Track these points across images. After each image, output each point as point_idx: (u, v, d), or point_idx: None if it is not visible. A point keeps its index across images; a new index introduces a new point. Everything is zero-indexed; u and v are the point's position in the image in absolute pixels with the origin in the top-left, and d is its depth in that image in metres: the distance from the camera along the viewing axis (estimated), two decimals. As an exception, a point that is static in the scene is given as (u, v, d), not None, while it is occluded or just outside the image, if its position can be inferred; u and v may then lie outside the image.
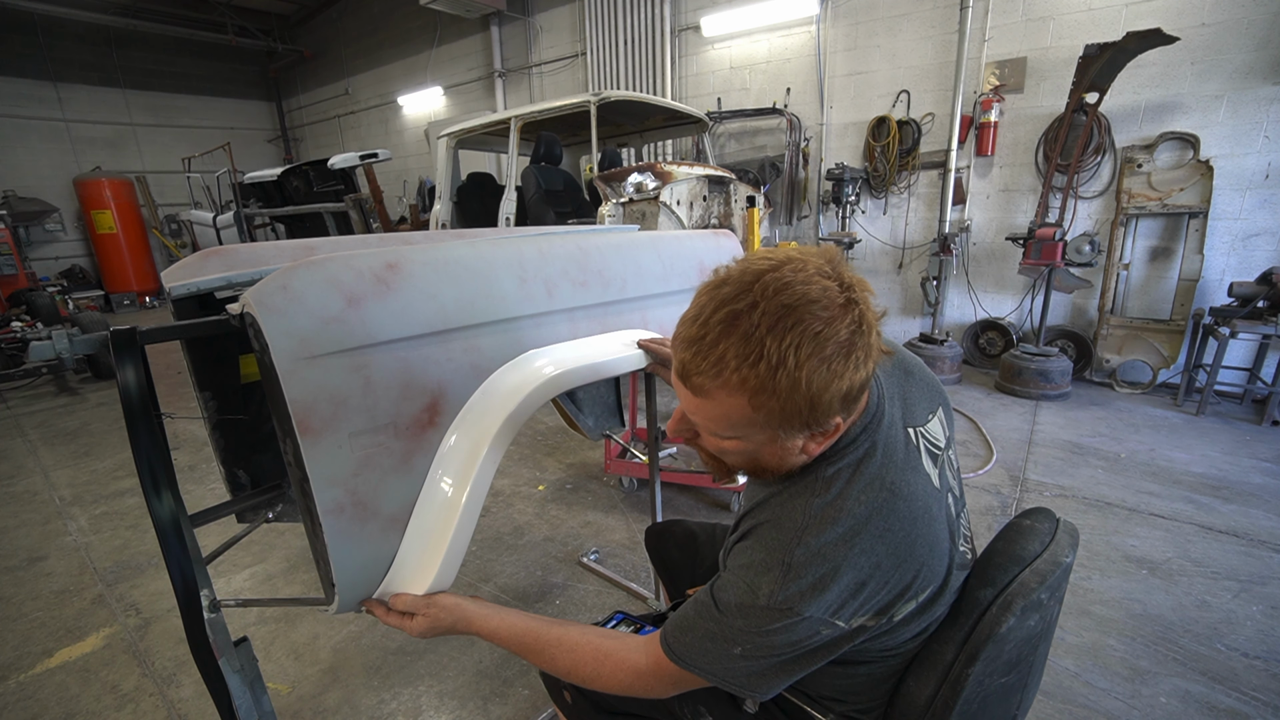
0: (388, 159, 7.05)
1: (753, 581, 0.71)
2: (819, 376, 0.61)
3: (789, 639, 0.70)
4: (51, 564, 2.49)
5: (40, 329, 5.00)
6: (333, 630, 2.02)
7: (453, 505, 0.96)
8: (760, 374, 0.61)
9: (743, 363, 0.62)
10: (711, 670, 0.75)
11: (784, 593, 0.69)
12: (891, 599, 0.71)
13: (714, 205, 4.08)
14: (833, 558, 0.69)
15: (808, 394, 0.62)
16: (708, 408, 0.68)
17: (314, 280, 0.87)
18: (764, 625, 0.70)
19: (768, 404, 0.63)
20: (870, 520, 0.70)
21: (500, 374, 1.07)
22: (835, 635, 0.71)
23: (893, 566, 0.70)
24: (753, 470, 0.78)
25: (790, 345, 0.61)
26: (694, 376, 0.65)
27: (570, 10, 7.11)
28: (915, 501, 0.73)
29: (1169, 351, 4.10)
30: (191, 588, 0.95)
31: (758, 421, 0.66)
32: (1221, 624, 1.92)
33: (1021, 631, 0.75)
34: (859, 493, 0.71)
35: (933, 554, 0.73)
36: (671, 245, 1.47)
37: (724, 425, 0.69)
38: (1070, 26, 4.26)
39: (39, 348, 4.57)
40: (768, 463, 0.74)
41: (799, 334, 0.61)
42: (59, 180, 9.64)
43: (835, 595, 0.68)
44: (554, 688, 1.08)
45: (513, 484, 3.07)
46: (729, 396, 0.65)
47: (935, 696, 0.76)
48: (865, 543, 0.69)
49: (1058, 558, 0.81)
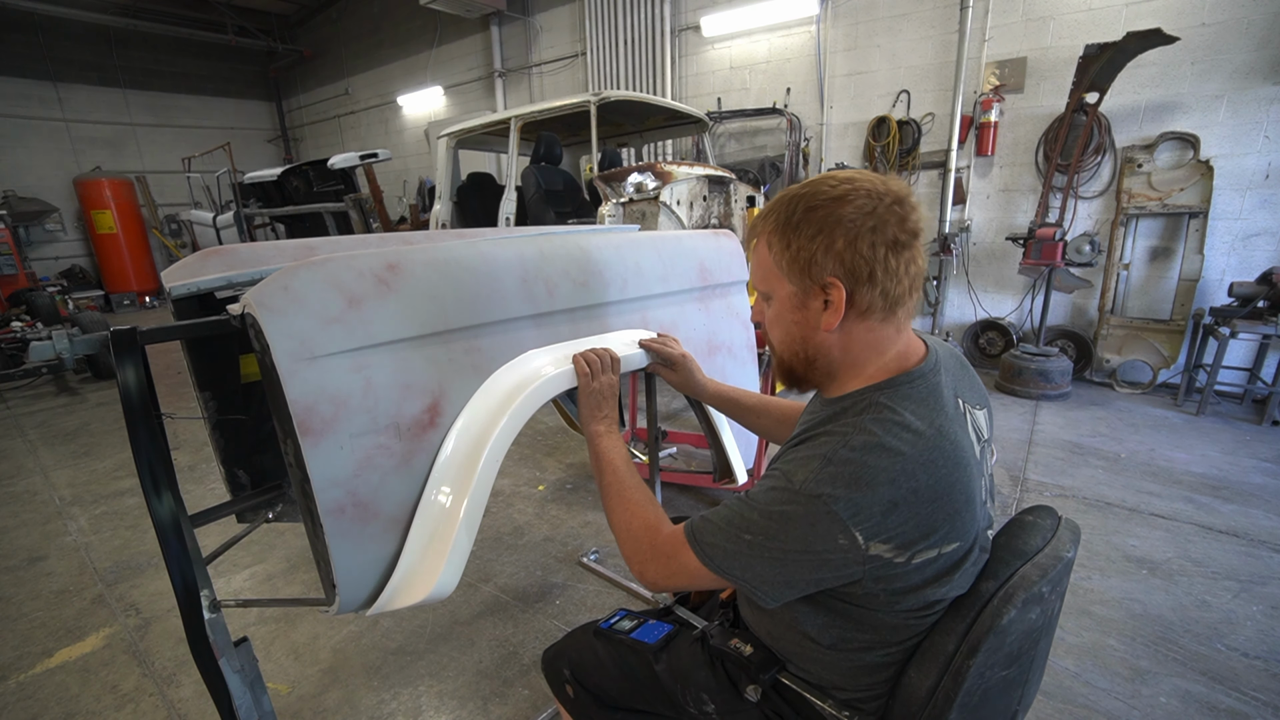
0: (388, 159, 7.05)
1: (790, 470, 0.74)
2: (815, 230, 0.76)
3: (804, 535, 0.70)
4: (51, 564, 2.49)
5: (40, 329, 5.00)
6: (333, 630, 2.02)
7: (454, 505, 0.96)
8: (779, 226, 0.79)
9: (772, 214, 0.81)
10: (713, 552, 0.78)
11: (817, 480, 0.70)
12: (917, 536, 0.70)
13: (714, 205, 4.08)
14: (874, 466, 0.70)
15: (809, 243, 0.76)
16: (754, 262, 0.86)
17: (315, 281, 0.87)
18: (786, 509, 0.71)
19: (784, 251, 0.79)
20: (916, 448, 0.71)
21: (501, 374, 1.07)
22: (849, 553, 0.69)
23: (928, 500, 0.70)
24: (791, 355, 0.85)
25: (803, 198, 0.78)
26: (751, 231, 0.84)
27: (570, 10, 7.11)
28: (960, 452, 0.74)
29: (1169, 351, 4.10)
30: (191, 588, 0.95)
31: (778, 269, 0.81)
32: (1221, 624, 1.92)
33: (1023, 624, 0.76)
34: (911, 421, 0.73)
35: (967, 508, 0.74)
36: (672, 245, 1.48)
37: (759, 277, 0.85)
38: (1070, 26, 4.26)
39: (39, 348, 4.57)
40: (796, 333, 0.82)
41: (809, 191, 0.78)
42: (59, 180, 9.64)
43: (866, 503, 0.68)
44: (556, 682, 1.09)
45: (513, 484, 3.07)
46: (763, 245, 0.83)
47: (937, 688, 0.76)
48: (908, 466, 0.70)
49: (1059, 552, 0.82)
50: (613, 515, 0.94)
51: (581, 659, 1.07)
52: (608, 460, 1.00)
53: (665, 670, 0.99)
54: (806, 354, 0.82)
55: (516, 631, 1.99)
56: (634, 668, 1.02)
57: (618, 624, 1.09)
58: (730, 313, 1.60)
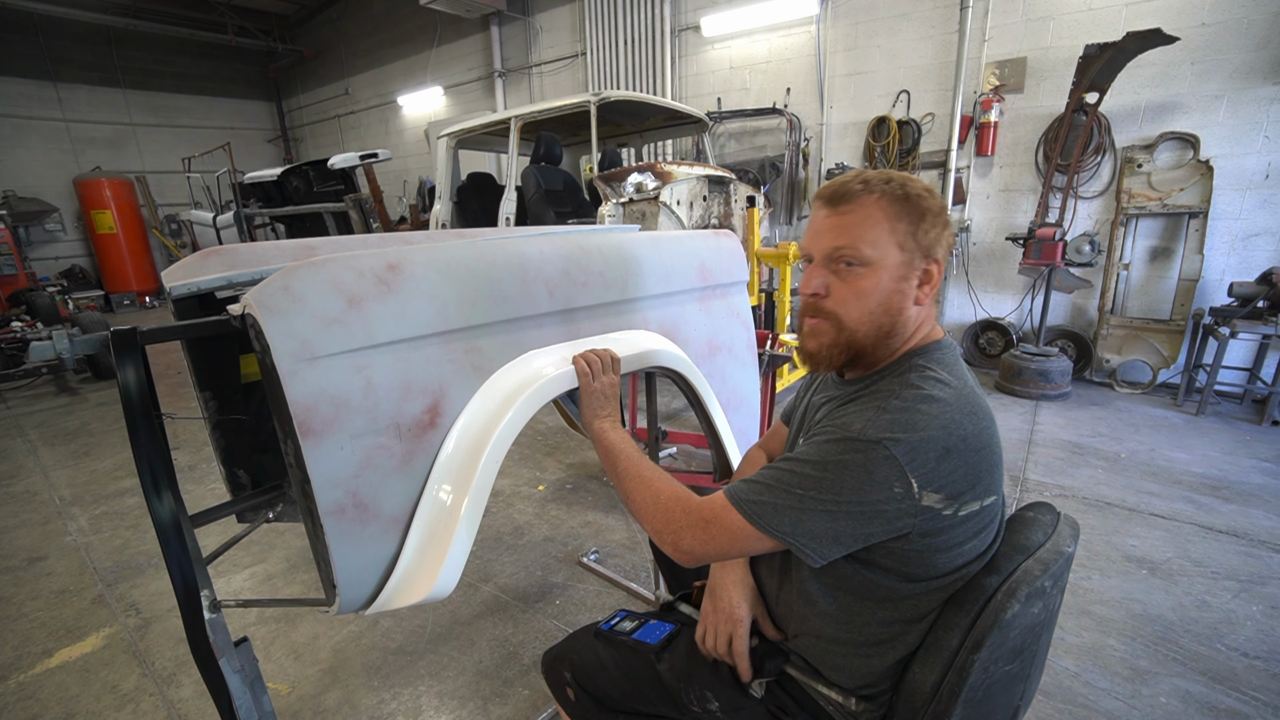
0: (388, 159, 7.05)
1: (844, 423, 0.77)
2: (934, 207, 0.82)
3: (859, 483, 0.71)
4: (51, 564, 2.49)
5: (40, 329, 5.00)
6: (333, 630, 2.02)
7: (454, 505, 0.96)
8: (897, 195, 0.81)
9: (883, 182, 0.81)
10: (760, 510, 0.77)
11: (875, 426, 0.73)
12: (964, 486, 0.74)
13: (714, 205, 4.08)
14: (927, 413, 0.74)
15: (930, 220, 0.81)
16: (853, 222, 0.81)
17: (315, 281, 0.87)
18: (844, 458, 0.73)
19: (904, 217, 0.80)
20: (959, 399, 0.77)
21: (501, 375, 1.07)
22: (902, 503, 0.71)
23: (975, 449, 0.74)
24: (870, 329, 0.83)
25: (906, 180, 0.82)
26: (847, 191, 0.82)
27: (570, 10, 7.11)
28: (989, 408, 0.81)
29: (1169, 351, 4.10)
30: (192, 588, 0.95)
31: (895, 235, 0.80)
32: (1221, 624, 1.92)
33: (1025, 619, 0.77)
34: (947, 378, 0.80)
35: (1000, 462, 0.80)
36: (672, 245, 1.47)
37: (868, 238, 0.81)
38: (1070, 26, 4.26)
39: (39, 348, 4.57)
40: (890, 305, 0.82)
41: (906, 177, 0.83)
42: (59, 180, 9.64)
43: (922, 448, 0.71)
44: (557, 684, 1.08)
45: (513, 484, 3.07)
46: (875, 206, 0.81)
47: (941, 683, 0.76)
48: (956, 416, 0.74)
49: (1060, 548, 0.83)
50: (635, 496, 0.93)
51: (583, 661, 1.06)
52: (619, 449, 1.00)
53: (668, 670, 0.99)
54: (890, 325, 0.83)
55: (516, 631, 1.99)
56: (636, 668, 1.02)
57: (619, 625, 1.09)
58: (731, 313, 1.60)
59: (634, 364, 1.22)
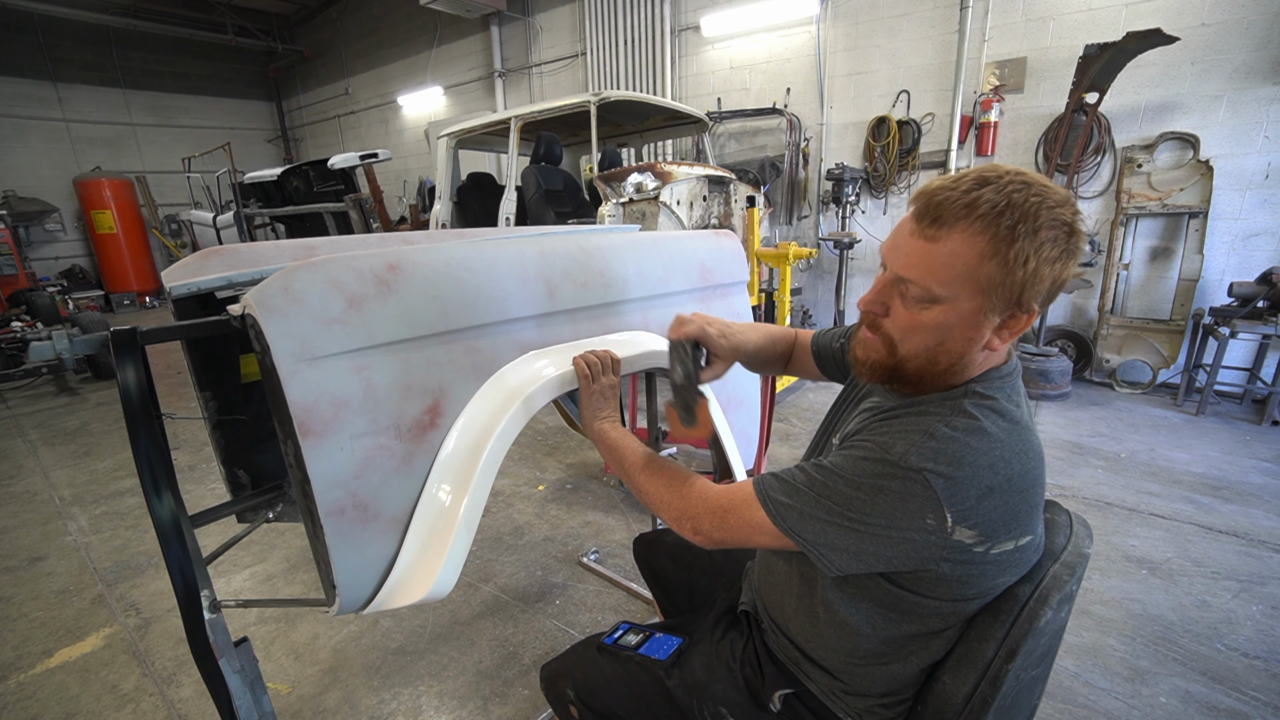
0: (388, 159, 7.05)
1: (885, 442, 0.71)
2: (1048, 249, 0.66)
3: (892, 510, 0.68)
4: (51, 564, 2.49)
5: (40, 329, 4.99)
6: (333, 630, 2.02)
7: (454, 505, 0.96)
8: (1001, 229, 0.65)
9: (992, 209, 0.65)
10: (785, 512, 0.74)
11: (919, 454, 0.68)
12: (1001, 527, 0.70)
13: (714, 205, 4.08)
14: (976, 449, 0.68)
15: (1034, 264, 0.66)
16: (935, 253, 0.68)
17: (315, 281, 0.87)
18: (880, 483, 0.69)
19: (997, 257, 0.66)
20: (1012, 436, 0.71)
21: (501, 375, 1.07)
22: (933, 535, 0.67)
23: (1018, 489, 0.70)
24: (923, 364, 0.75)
25: (1034, 207, 0.65)
26: (945, 210, 0.67)
27: (570, 10, 7.11)
28: (1041, 446, 0.75)
29: (1169, 351, 4.10)
30: (192, 588, 0.95)
31: (978, 279, 0.67)
32: (1221, 624, 1.92)
33: (1056, 623, 0.76)
34: (1007, 409, 0.73)
35: (1041, 501, 0.75)
36: (672, 246, 1.47)
37: (942, 277, 0.69)
38: (1070, 26, 4.26)
39: (39, 348, 4.57)
40: (952, 347, 0.73)
41: (1040, 201, 0.65)
42: (59, 180, 9.63)
43: (965, 483, 0.67)
44: (559, 701, 1.05)
45: (513, 484, 3.07)
46: (966, 241, 0.67)
47: (974, 694, 0.75)
48: (1005, 454, 0.70)
49: (1081, 549, 0.82)
50: (649, 486, 0.92)
51: (586, 678, 1.03)
52: (624, 446, 0.99)
53: (679, 685, 0.96)
54: (948, 364, 0.74)
55: (517, 631, 1.99)
56: (644, 685, 0.98)
57: (622, 639, 1.05)
58: (731, 313, 1.60)
59: (634, 364, 1.22)
